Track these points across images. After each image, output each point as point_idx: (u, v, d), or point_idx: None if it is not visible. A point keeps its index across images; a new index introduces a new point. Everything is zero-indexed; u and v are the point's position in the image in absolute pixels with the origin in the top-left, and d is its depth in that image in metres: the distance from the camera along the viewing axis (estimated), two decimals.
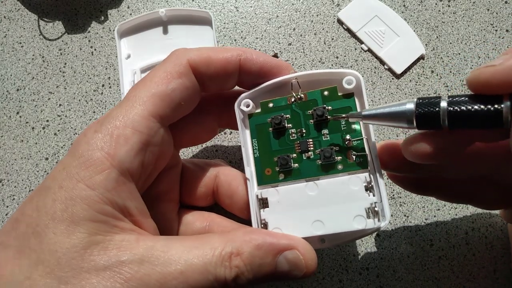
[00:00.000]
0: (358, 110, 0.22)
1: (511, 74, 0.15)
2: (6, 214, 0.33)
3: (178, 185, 0.26)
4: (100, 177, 0.18)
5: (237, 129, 0.23)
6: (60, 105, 0.35)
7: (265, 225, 0.22)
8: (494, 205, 0.25)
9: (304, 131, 0.23)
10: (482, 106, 0.17)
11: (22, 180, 0.33)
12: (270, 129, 0.23)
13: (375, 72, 0.34)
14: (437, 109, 0.17)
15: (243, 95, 0.23)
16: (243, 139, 0.23)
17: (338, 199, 0.21)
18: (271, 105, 0.23)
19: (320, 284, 0.30)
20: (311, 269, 0.20)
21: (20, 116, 0.35)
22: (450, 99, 0.17)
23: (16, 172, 0.34)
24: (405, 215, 0.31)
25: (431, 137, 0.19)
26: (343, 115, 0.21)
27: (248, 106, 0.23)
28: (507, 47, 0.34)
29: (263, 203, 0.22)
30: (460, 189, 0.24)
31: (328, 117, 0.22)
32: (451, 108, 0.17)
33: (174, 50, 0.23)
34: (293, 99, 0.23)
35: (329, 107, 0.22)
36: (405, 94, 0.33)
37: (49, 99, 0.35)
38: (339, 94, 0.22)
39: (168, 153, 0.23)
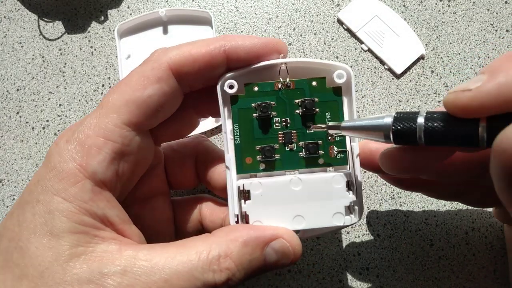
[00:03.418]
0: (345, 106, 0.22)
1: (488, 100, 0.15)
2: (6, 214, 0.33)
3: (165, 178, 0.25)
4: (75, 189, 0.18)
5: (218, 116, 0.22)
6: (60, 105, 0.35)
7: (245, 217, 0.21)
8: (482, 204, 0.25)
9: (289, 121, 0.22)
10: (459, 125, 0.17)
11: (22, 180, 0.33)
12: (254, 115, 0.22)
13: (375, 72, 0.34)
14: (413, 125, 0.17)
15: (227, 75, 0.22)
16: (224, 123, 0.22)
17: (320, 195, 0.21)
18: (256, 89, 0.22)
19: (320, 284, 0.30)
20: (298, 255, 0.20)
21: (20, 116, 0.35)
22: (428, 115, 0.17)
23: (16, 172, 0.34)
24: (405, 215, 0.31)
25: (407, 151, 0.19)
26: (323, 126, 0.21)
27: (232, 87, 0.22)
28: (507, 47, 0.34)
29: (244, 194, 0.22)
30: (447, 188, 0.24)
31: (315, 109, 0.22)
32: (428, 125, 0.17)
33: (154, 51, 0.21)
34: (280, 85, 0.22)
35: (316, 99, 0.22)
36: (405, 94, 0.33)
37: (49, 99, 0.35)
38: (328, 86, 0.22)
39: (148, 159, 0.22)
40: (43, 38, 0.36)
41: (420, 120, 0.17)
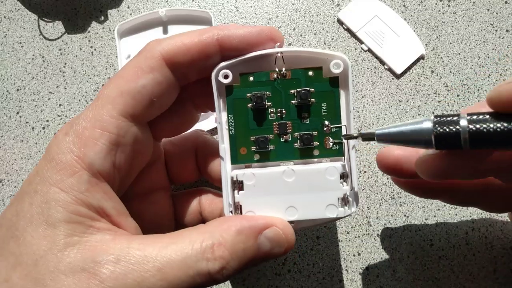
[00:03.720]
0: (342, 97, 0.22)
1: None
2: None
3: (165, 173, 0.26)
4: (72, 180, 0.18)
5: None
6: (60, 105, 0.35)
7: (239, 208, 0.21)
8: (501, 209, 0.25)
9: (284, 111, 0.22)
10: (506, 125, 0.16)
11: (22, 180, 0.33)
12: (249, 105, 0.22)
13: (375, 72, 0.34)
14: (456, 128, 0.16)
15: (221, 64, 0.21)
16: (219, 114, 0.22)
17: (313, 187, 0.21)
18: (251, 78, 0.22)
19: (320, 284, 0.30)
20: (292, 243, 0.20)
21: (20, 116, 0.35)
22: (470, 117, 0.16)
23: (16, 172, 0.34)
24: (405, 215, 0.31)
25: (448, 156, 0.18)
26: (355, 135, 0.21)
27: (226, 77, 0.21)
28: (507, 47, 0.34)
29: (238, 184, 0.22)
30: (467, 193, 0.24)
31: (311, 100, 0.21)
32: (472, 127, 0.16)
33: (148, 42, 0.21)
34: (275, 75, 0.22)
35: (312, 89, 0.21)
36: (405, 94, 0.33)
37: (49, 99, 0.35)
38: (324, 76, 0.22)
39: (147, 151, 0.23)
40: (43, 38, 0.36)
41: (463, 122, 0.16)
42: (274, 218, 0.20)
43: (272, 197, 0.21)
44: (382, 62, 0.34)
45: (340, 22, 0.35)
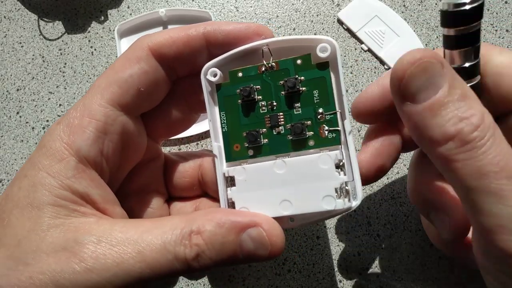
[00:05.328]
0: (333, 81, 0.21)
1: (366, 101, 0.20)
2: None
3: (162, 176, 0.26)
4: (60, 166, 0.19)
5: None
6: (60, 105, 0.35)
7: (232, 204, 0.21)
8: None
9: (275, 103, 0.21)
10: None
11: None
12: (239, 101, 0.21)
13: (375, 72, 0.34)
14: None
15: (209, 63, 0.21)
16: (210, 112, 0.22)
17: (307, 178, 0.20)
18: (240, 74, 0.21)
19: (320, 284, 0.30)
20: (277, 247, 0.19)
21: (20, 116, 0.35)
22: None
23: (16, 172, 0.34)
24: (405, 215, 0.31)
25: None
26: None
27: (215, 75, 0.21)
28: (507, 47, 0.34)
29: (230, 181, 0.21)
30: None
31: (301, 88, 0.21)
32: None
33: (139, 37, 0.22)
34: (263, 68, 0.21)
35: (302, 78, 0.21)
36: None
37: (49, 99, 0.35)
38: (313, 63, 0.21)
39: (139, 145, 0.23)
40: (43, 38, 0.36)
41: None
42: (263, 217, 0.20)
43: (265, 191, 0.20)
44: (382, 62, 0.34)
45: (340, 22, 0.35)
